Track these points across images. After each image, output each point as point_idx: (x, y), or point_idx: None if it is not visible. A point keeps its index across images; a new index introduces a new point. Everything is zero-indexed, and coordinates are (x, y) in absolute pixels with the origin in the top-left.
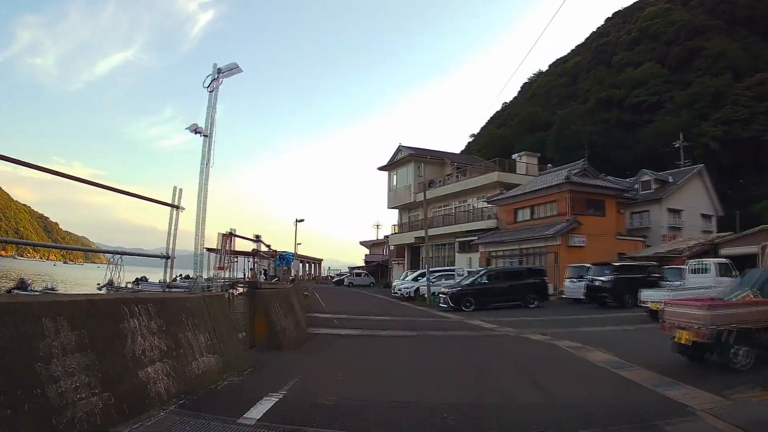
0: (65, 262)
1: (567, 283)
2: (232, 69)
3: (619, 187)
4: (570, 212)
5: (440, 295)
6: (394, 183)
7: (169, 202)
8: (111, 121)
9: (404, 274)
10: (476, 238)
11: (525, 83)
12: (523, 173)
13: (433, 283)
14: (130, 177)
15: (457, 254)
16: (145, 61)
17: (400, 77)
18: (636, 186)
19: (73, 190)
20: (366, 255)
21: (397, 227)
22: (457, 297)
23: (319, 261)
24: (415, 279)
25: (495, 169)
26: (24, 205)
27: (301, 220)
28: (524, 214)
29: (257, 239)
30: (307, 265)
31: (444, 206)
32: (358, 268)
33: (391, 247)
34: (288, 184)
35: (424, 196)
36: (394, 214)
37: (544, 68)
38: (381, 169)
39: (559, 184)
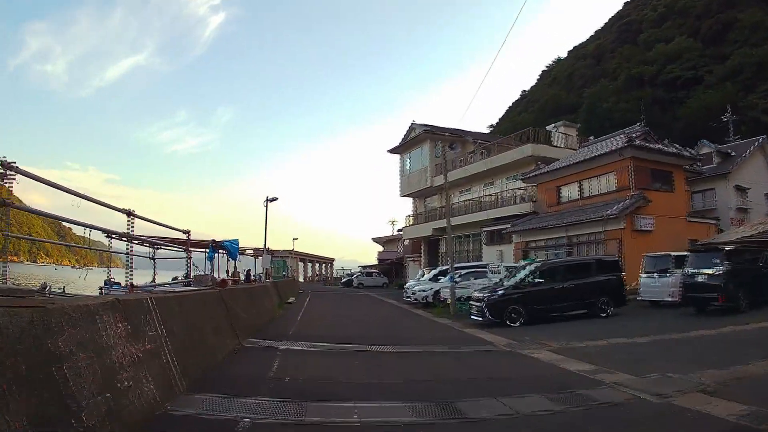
0: (74, 267)
1: (644, 279)
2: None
3: (689, 155)
4: (634, 186)
5: (471, 303)
6: (407, 167)
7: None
8: (124, 126)
9: (420, 272)
10: (509, 225)
11: (544, 71)
12: (561, 146)
13: (458, 283)
14: (144, 181)
15: (484, 247)
16: (156, 65)
17: (411, 75)
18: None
19: (91, 195)
20: (379, 253)
21: (411, 218)
22: (498, 305)
23: (331, 261)
24: (434, 278)
25: (528, 140)
26: (37, 209)
27: (274, 200)
28: (571, 192)
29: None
30: (317, 264)
31: (466, 191)
32: (370, 267)
33: (405, 242)
34: (300, 184)
35: (444, 168)
36: (408, 204)
37: (563, 55)
38: (392, 151)
39: (619, 149)
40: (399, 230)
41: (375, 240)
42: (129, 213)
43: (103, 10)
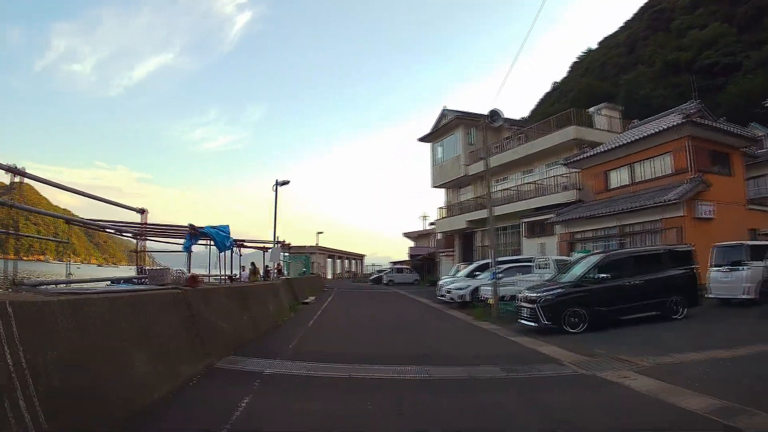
0: (99, 266)
1: (714, 273)
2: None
3: (749, 135)
4: (693, 168)
5: (522, 305)
6: (439, 155)
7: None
8: (153, 124)
9: (454, 268)
10: (552, 215)
11: (575, 62)
12: (605, 129)
13: (499, 280)
14: (175, 179)
15: (524, 239)
16: (184, 64)
17: (442, 69)
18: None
19: (117, 194)
20: (410, 248)
21: (444, 210)
22: (556, 307)
23: (361, 257)
24: (472, 274)
25: (569, 123)
26: (64, 209)
27: (285, 183)
28: (620, 178)
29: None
30: (346, 261)
31: (503, 180)
32: (401, 263)
33: (438, 236)
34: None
35: (485, 141)
36: (440, 196)
37: (594, 46)
38: (422, 140)
39: (676, 126)
40: (431, 224)
41: (406, 235)
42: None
43: (129, 10)
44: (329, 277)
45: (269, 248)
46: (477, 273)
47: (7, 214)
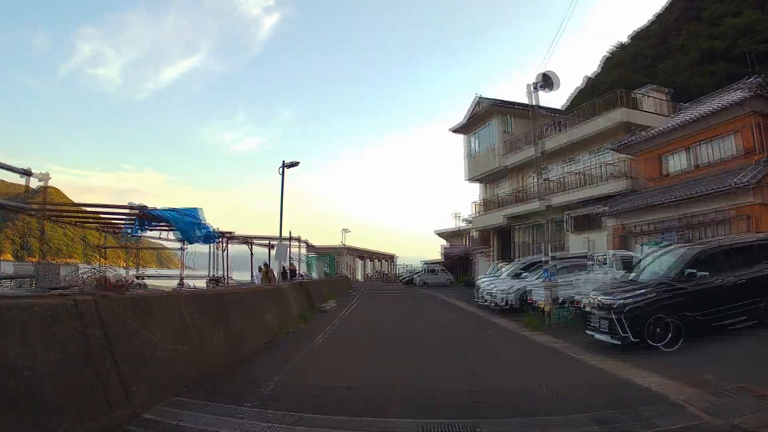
0: (125, 268)
1: None
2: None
3: None
4: (762, 148)
5: (593, 312)
6: (474, 147)
7: None
8: (181, 127)
9: (492, 266)
10: (602, 207)
11: (606, 57)
12: (652, 111)
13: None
14: (205, 182)
15: (569, 235)
16: (212, 66)
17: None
18: None
19: (147, 196)
20: (443, 247)
21: (479, 206)
22: (642, 316)
23: (392, 257)
24: (516, 275)
25: (617, 105)
26: (91, 211)
27: (293, 165)
28: (678, 162)
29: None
30: (376, 261)
31: (543, 170)
32: (434, 263)
33: (473, 234)
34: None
35: (533, 114)
36: (475, 190)
37: (625, 40)
38: (455, 130)
39: (740, 101)
40: (465, 220)
41: (439, 234)
42: None
43: (155, 13)
44: (359, 278)
45: (275, 244)
46: (523, 273)
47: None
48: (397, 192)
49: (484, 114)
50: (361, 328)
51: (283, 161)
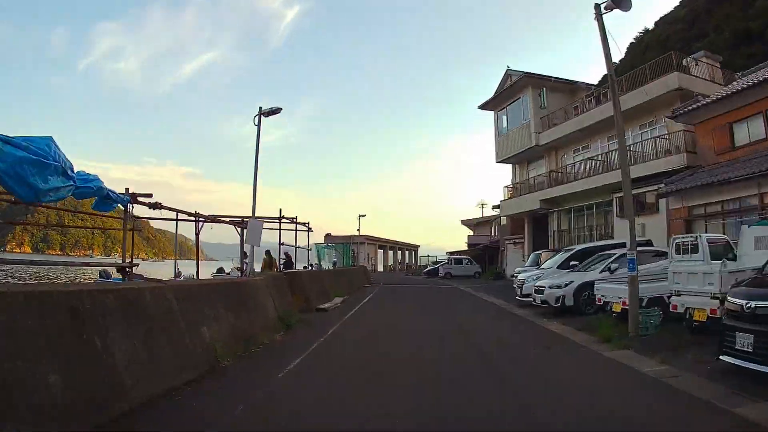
0: (144, 260)
1: None
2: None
3: None
4: None
5: (736, 325)
6: (504, 124)
7: None
8: (203, 120)
9: (531, 256)
10: (660, 186)
11: (632, 43)
12: (708, 78)
13: (612, 273)
14: (225, 174)
15: (616, 220)
16: (233, 60)
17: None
18: None
19: (169, 189)
20: (469, 237)
21: (510, 190)
22: None
23: (415, 248)
24: (566, 265)
25: (670, 69)
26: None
27: (272, 112)
28: (751, 131)
29: None
30: (399, 252)
31: (583, 149)
32: (459, 253)
33: (503, 221)
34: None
35: (607, 61)
36: (506, 173)
37: (650, 26)
38: (484, 107)
39: None
40: (493, 207)
41: (464, 223)
42: None
43: (174, 8)
44: (379, 269)
45: (248, 223)
46: (574, 263)
47: None
48: (422, 181)
49: (515, 87)
50: (361, 344)
51: (260, 108)
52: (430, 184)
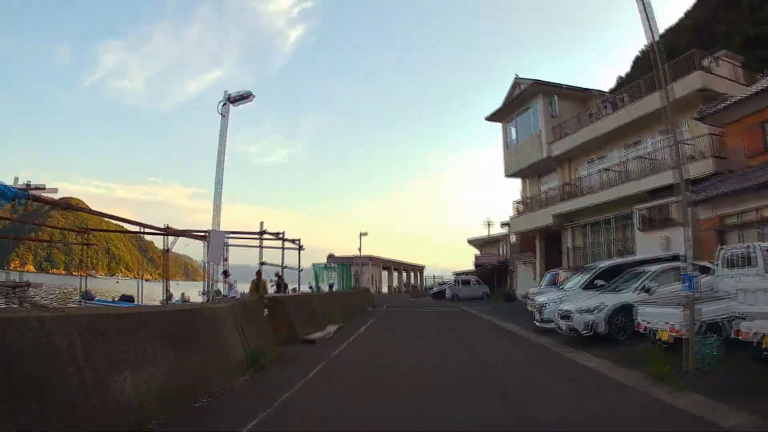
0: (147, 281)
1: None
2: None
3: None
4: None
5: None
6: (513, 136)
7: None
8: (208, 139)
9: (548, 276)
10: (688, 194)
11: (637, 56)
12: (730, 78)
13: (648, 293)
14: (234, 194)
15: (638, 234)
16: (237, 77)
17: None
18: None
19: (173, 210)
20: (476, 257)
21: (520, 205)
22: None
23: (420, 268)
24: (592, 284)
25: (694, 68)
26: (116, 224)
27: (243, 98)
28: None
29: None
30: (404, 273)
31: (598, 159)
32: (466, 273)
33: (512, 239)
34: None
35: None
36: (515, 188)
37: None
38: (491, 118)
39: None
40: (503, 224)
41: (471, 242)
42: None
43: (178, 26)
44: (384, 291)
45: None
46: (599, 282)
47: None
48: (428, 200)
49: (524, 96)
50: (354, 390)
51: (227, 93)
52: (436, 203)
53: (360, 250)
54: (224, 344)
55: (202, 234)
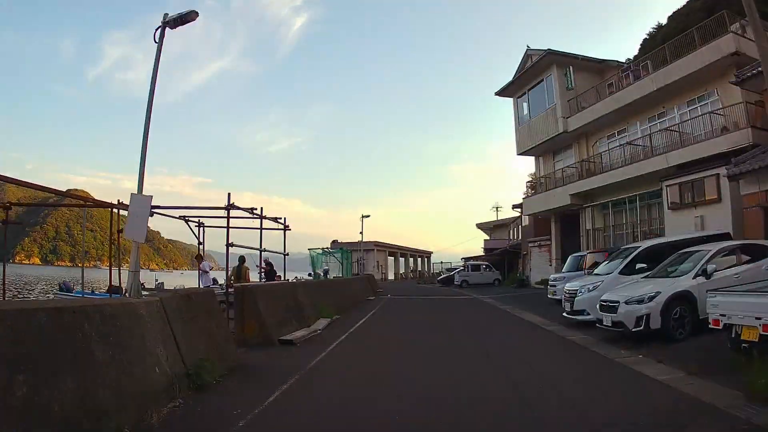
0: (152, 271)
1: None
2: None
3: None
4: None
5: None
6: (525, 112)
7: None
8: (214, 129)
9: (570, 261)
10: (729, 166)
11: (645, 39)
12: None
13: (708, 278)
14: (240, 183)
15: (667, 213)
16: (242, 68)
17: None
18: None
19: (178, 200)
20: (486, 241)
21: (533, 186)
22: None
23: (428, 254)
24: (632, 268)
25: (723, 30)
26: (122, 215)
27: (184, 20)
28: None
29: None
30: (410, 259)
31: (619, 133)
32: (475, 258)
33: (525, 221)
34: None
35: None
36: (528, 166)
37: (663, 21)
38: (501, 93)
39: None
40: (514, 206)
41: (479, 226)
42: None
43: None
44: (391, 277)
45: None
46: (637, 266)
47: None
48: (436, 185)
49: (537, 67)
50: (335, 411)
51: (165, 16)
52: (444, 189)
53: (362, 234)
54: (140, 358)
55: (111, 204)
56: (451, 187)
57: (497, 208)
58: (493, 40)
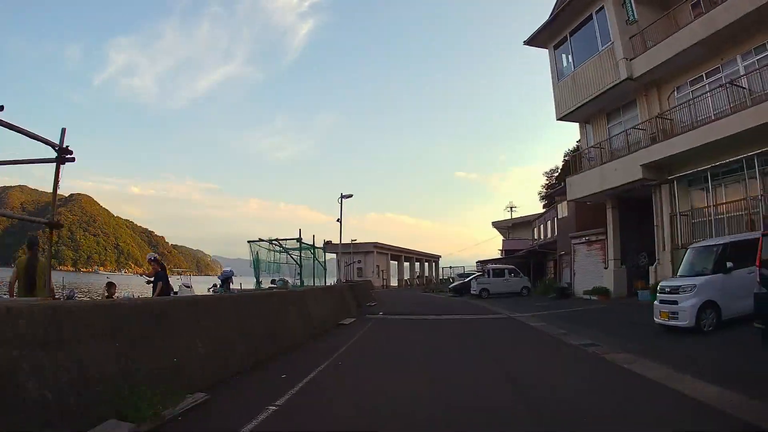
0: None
1: None
2: None
3: None
4: None
5: None
6: (566, 62)
7: None
8: (221, 135)
9: (690, 254)
10: None
11: None
12: None
13: None
14: (244, 189)
15: None
16: (248, 74)
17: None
18: None
19: (185, 206)
20: (505, 242)
21: (580, 159)
22: None
23: (436, 258)
24: None
25: None
26: (126, 219)
27: None
28: None
29: None
30: (416, 263)
31: (706, 75)
32: (495, 261)
33: (563, 210)
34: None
35: None
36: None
37: None
38: (532, 42)
39: None
40: (550, 189)
41: (495, 225)
42: None
43: (188, 23)
44: (393, 284)
45: None
46: None
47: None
48: (446, 186)
49: (582, 1)
50: None
51: None
52: (454, 189)
53: (340, 221)
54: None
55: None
56: (461, 191)
57: (511, 207)
58: (505, 43)
